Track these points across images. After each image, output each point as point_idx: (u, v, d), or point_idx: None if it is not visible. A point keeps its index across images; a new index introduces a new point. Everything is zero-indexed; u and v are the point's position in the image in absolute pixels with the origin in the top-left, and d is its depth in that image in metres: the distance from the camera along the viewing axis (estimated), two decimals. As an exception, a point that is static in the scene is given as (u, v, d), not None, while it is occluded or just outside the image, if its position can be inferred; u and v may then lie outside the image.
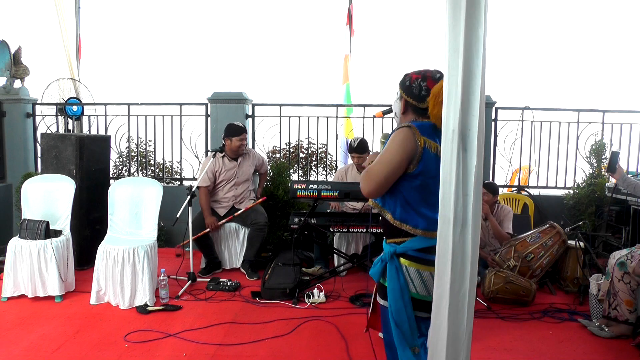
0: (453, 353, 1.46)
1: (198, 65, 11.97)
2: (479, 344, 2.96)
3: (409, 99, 1.88)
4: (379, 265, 1.90)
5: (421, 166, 1.75)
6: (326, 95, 9.41)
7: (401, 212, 1.82)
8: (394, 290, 1.82)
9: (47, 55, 6.58)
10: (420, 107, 1.86)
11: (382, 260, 1.89)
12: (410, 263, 1.81)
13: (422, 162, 1.75)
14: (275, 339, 3.07)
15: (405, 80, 1.90)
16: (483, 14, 1.36)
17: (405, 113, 1.92)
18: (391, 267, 1.84)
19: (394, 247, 1.85)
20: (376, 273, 1.92)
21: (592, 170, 5.16)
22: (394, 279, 1.82)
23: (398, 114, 1.95)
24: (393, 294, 1.82)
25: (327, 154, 5.74)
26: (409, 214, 1.79)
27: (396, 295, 1.82)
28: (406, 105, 1.90)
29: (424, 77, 1.85)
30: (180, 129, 5.52)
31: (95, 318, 3.38)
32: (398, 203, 1.82)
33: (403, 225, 1.81)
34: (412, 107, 1.89)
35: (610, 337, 3.11)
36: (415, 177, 1.77)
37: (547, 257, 3.92)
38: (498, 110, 5.31)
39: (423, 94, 1.84)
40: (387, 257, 1.86)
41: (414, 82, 1.86)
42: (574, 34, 12.68)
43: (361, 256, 4.28)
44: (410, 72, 1.91)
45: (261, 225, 4.39)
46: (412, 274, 1.81)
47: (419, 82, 1.85)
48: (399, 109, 1.94)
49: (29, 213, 3.91)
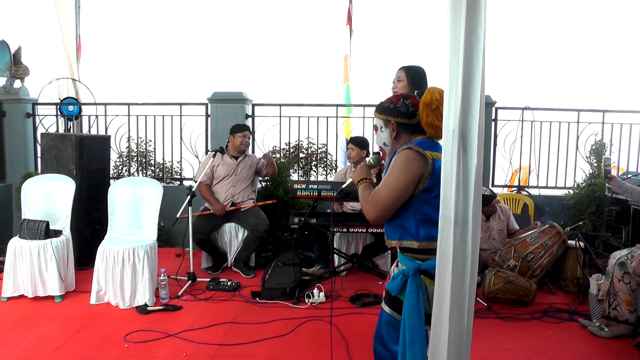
0: (454, 353, 1.47)
1: (198, 65, 11.99)
2: (479, 344, 2.96)
3: (399, 119, 1.85)
4: (399, 280, 1.81)
5: (434, 178, 1.71)
6: (326, 95, 9.43)
7: (425, 230, 1.76)
8: (411, 307, 1.75)
9: (47, 55, 6.59)
10: (411, 124, 1.84)
11: (404, 275, 1.80)
12: (430, 282, 1.72)
13: (435, 173, 1.71)
14: (275, 339, 3.07)
15: (387, 105, 1.88)
16: (483, 14, 1.36)
17: (397, 137, 1.88)
18: (412, 283, 1.76)
19: (416, 262, 1.78)
20: (395, 288, 1.82)
21: (592, 170, 5.16)
22: (414, 294, 1.75)
23: (388, 142, 1.90)
24: (410, 311, 1.75)
25: (327, 154, 5.74)
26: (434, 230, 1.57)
27: (413, 312, 1.74)
28: (397, 127, 1.87)
29: (405, 97, 1.87)
30: (180, 129, 5.53)
31: (95, 318, 3.38)
32: (418, 223, 1.76)
33: (432, 244, 1.69)
34: (403, 127, 1.86)
35: (610, 337, 3.11)
36: (429, 191, 1.74)
37: (547, 257, 3.92)
38: (498, 110, 5.31)
39: (411, 110, 1.84)
40: (410, 273, 1.77)
41: (398, 103, 1.86)
42: (573, 34, 12.68)
43: (361, 256, 4.28)
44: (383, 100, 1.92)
45: (261, 232, 4.39)
46: (430, 292, 1.72)
47: (403, 101, 1.85)
48: (388, 136, 1.89)
49: (29, 213, 3.90)
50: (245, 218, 4.45)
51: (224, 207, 4.38)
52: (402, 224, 1.80)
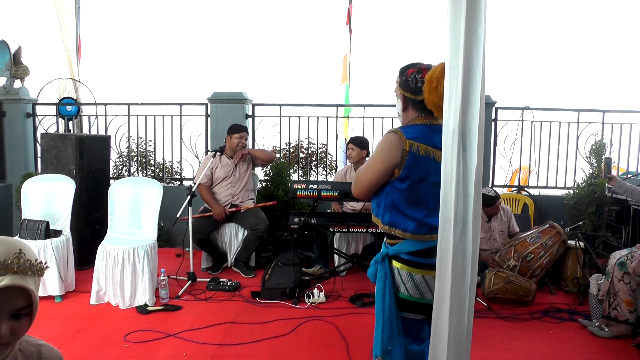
0: (454, 353, 1.46)
1: (198, 65, 12.00)
2: (479, 344, 2.96)
3: (407, 93, 1.84)
4: (373, 267, 1.91)
5: (407, 170, 1.73)
6: (326, 95, 9.42)
7: (390, 216, 1.81)
8: (377, 292, 1.84)
9: (47, 55, 6.59)
10: (418, 99, 1.81)
11: (375, 262, 1.89)
12: (402, 266, 1.80)
13: (408, 165, 1.73)
14: (275, 339, 3.07)
15: (403, 77, 1.85)
16: (483, 14, 1.36)
17: (405, 110, 1.88)
18: (381, 269, 1.84)
19: (387, 248, 1.85)
20: (372, 274, 1.92)
21: (592, 170, 5.15)
22: (381, 280, 1.83)
23: (400, 114, 1.92)
24: (377, 295, 1.84)
25: (327, 154, 5.74)
26: (397, 218, 1.79)
27: (378, 297, 1.83)
28: (405, 101, 1.86)
29: (419, 70, 1.80)
30: (180, 129, 5.52)
31: (95, 318, 3.38)
32: (387, 207, 1.81)
33: (392, 230, 1.81)
34: (411, 101, 1.85)
35: (610, 337, 3.11)
36: (402, 181, 1.76)
37: (547, 257, 3.92)
38: (498, 110, 5.31)
39: (419, 85, 1.78)
40: (379, 260, 1.86)
41: (410, 76, 1.82)
42: (573, 34, 12.69)
43: (361, 256, 4.28)
44: (405, 66, 1.87)
45: (260, 232, 4.38)
46: (404, 276, 1.79)
47: (415, 75, 1.80)
48: (399, 108, 1.91)
49: (29, 213, 3.90)
50: (245, 218, 4.45)
51: (223, 211, 4.38)
52: (377, 202, 1.87)
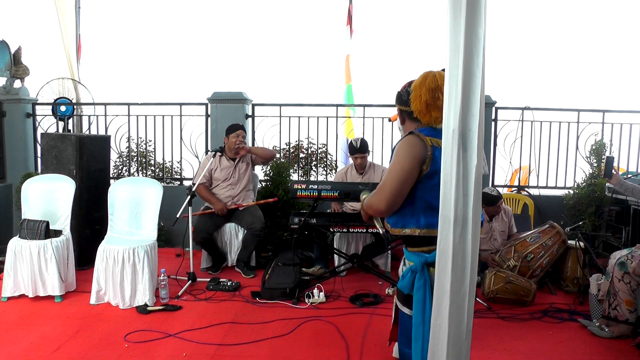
0: (454, 353, 1.47)
1: (198, 65, 11.97)
2: (479, 344, 2.96)
3: (401, 107, 1.91)
4: (409, 277, 1.80)
5: (435, 164, 1.72)
6: (326, 95, 9.42)
7: (426, 219, 1.74)
8: (418, 303, 1.74)
9: (47, 55, 6.59)
10: (410, 111, 1.86)
11: (412, 271, 1.79)
12: None
13: (435, 160, 1.72)
14: (275, 339, 3.07)
15: (398, 91, 1.93)
16: (483, 14, 1.36)
17: (403, 123, 1.94)
18: (420, 278, 1.75)
19: (423, 256, 1.77)
20: (406, 286, 1.81)
21: (592, 170, 5.16)
22: (421, 290, 1.74)
23: (400, 128, 1.98)
24: (417, 306, 1.74)
25: (327, 154, 5.74)
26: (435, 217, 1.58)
27: (419, 308, 1.73)
28: (402, 114, 1.92)
29: (410, 84, 1.88)
30: (180, 129, 5.53)
31: (95, 318, 3.38)
32: (420, 211, 1.76)
33: (432, 232, 1.68)
34: (406, 114, 1.90)
35: (610, 337, 3.11)
36: (431, 177, 1.73)
37: (547, 257, 3.92)
38: (498, 110, 5.31)
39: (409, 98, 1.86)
40: (418, 268, 1.76)
41: (402, 90, 1.90)
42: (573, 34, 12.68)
43: (361, 256, 4.28)
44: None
45: (257, 231, 4.38)
46: None
47: (407, 89, 1.88)
48: (399, 123, 1.97)
49: (29, 213, 3.90)
50: (242, 217, 4.45)
51: (225, 206, 4.38)
52: (405, 212, 1.79)
